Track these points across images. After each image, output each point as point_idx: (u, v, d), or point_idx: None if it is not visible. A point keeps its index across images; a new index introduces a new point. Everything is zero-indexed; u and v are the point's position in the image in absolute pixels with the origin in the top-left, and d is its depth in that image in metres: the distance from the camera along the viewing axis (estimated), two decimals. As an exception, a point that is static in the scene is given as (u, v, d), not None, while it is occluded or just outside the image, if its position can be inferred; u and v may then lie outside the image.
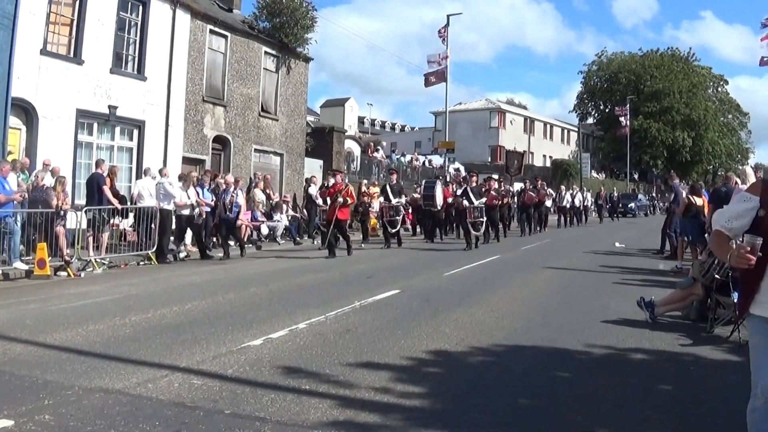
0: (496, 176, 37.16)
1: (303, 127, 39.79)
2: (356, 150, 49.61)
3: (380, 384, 8.02)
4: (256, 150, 35.02)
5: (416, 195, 32.99)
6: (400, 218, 28.02)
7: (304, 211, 30.99)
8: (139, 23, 28.51)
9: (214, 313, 12.54)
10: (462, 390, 8.00)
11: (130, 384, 7.87)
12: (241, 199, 23.51)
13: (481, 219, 27.13)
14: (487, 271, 19.72)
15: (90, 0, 25.76)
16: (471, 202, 26.80)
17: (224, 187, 23.58)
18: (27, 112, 23.61)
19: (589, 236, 35.71)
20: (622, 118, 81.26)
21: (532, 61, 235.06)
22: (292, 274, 18.46)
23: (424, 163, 54.51)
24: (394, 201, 27.65)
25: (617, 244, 29.10)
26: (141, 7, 28.49)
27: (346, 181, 24.49)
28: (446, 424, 6.85)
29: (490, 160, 77.41)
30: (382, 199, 28.78)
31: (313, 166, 39.12)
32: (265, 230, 27.97)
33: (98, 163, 21.83)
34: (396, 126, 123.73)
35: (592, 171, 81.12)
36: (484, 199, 27.68)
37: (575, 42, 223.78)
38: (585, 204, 48.83)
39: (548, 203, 41.54)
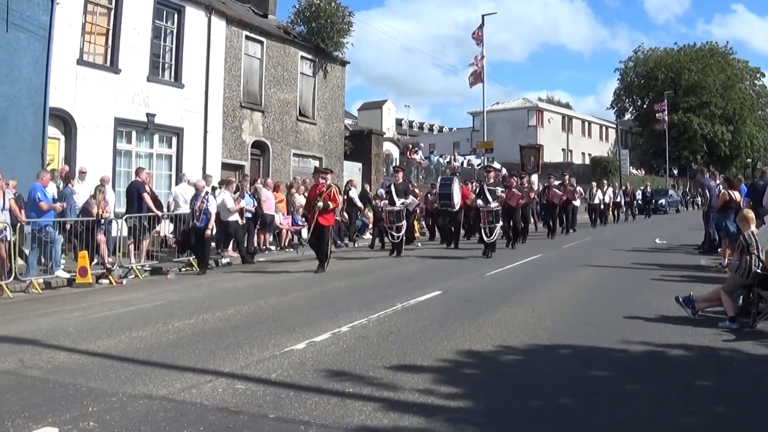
0: (500, 170, 36.26)
1: (341, 131, 39.77)
2: (395, 152, 49.55)
3: (424, 386, 7.99)
4: (294, 154, 35.00)
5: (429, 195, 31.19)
6: (402, 225, 24.40)
7: (344, 214, 30.83)
8: (175, 31, 28.56)
9: (256, 317, 12.54)
10: (505, 390, 8.00)
11: (174, 390, 7.87)
12: (212, 206, 20.51)
13: (496, 224, 23.57)
14: (528, 271, 19.61)
15: (125, 9, 25.81)
16: (487, 202, 23.66)
17: (195, 191, 21.23)
18: (65, 121, 23.69)
19: (627, 233, 35.21)
20: (659, 114, 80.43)
21: (567, 59, 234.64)
22: (334, 277, 18.30)
23: (462, 163, 54.20)
24: (398, 203, 24.22)
25: (658, 240, 28.70)
26: (176, 15, 28.52)
27: (329, 181, 20.72)
28: (490, 424, 6.85)
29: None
30: (385, 201, 25.06)
31: (352, 170, 39.05)
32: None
33: (138, 171, 21.81)
34: (434, 127, 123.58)
35: (631, 167, 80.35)
36: (496, 203, 23.67)
37: (609, 39, 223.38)
38: (616, 201, 45.24)
39: (577, 202, 37.04)
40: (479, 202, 24.16)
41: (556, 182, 34.43)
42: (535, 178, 42.41)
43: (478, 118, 72.46)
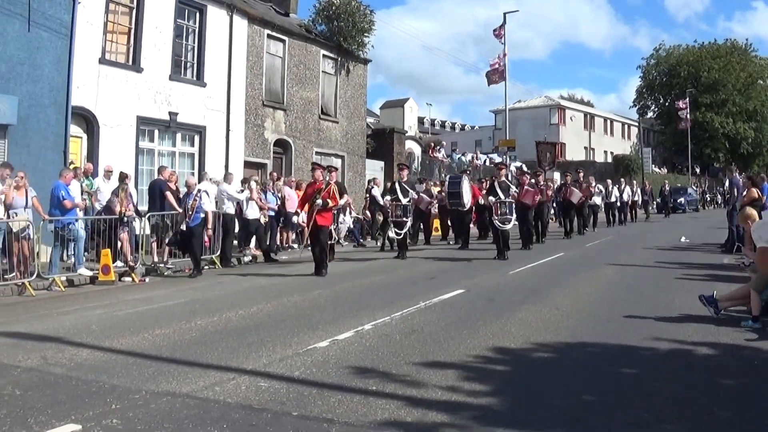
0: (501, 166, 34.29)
1: (363, 129, 39.75)
2: (417, 150, 49.44)
3: (447, 383, 7.94)
4: (317, 152, 34.86)
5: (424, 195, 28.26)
6: (408, 221, 23.33)
7: (367, 212, 30.75)
8: (197, 30, 28.63)
9: (279, 315, 12.54)
10: (528, 388, 7.92)
11: (197, 387, 7.85)
12: (208, 204, 19.70)
13: (510, 215, 22.30)
14: (551, 269, 19.56)
15: (147, 8, 25.90)
16: (498, 197, 22.26)
17: (187, 189, 20.14)
18: (87, 120, 23.76)
19: (649, 232, 34.87)
20: (682, 112, 80.00)
21: (588, 57, 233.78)
22: (356, 275, 18.31)
23: (485, 161, 54.08)
24: (404, 200, 23.06)
25: (683, 239, 28.48)
26: (198, 14, 28.59)
27: (329, 178, 19.36)
28: (513, 422, 6.76)
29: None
30: (388, 198, 24.36)
31: (375, 168, 38.99)
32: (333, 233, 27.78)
33: (160, 170, 21.83)
34: (456, 125, 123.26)
35: (654, 166, 79.94)
36: (510, 198, 22.54)
37: (629, 36, 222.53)
38: (634, 199, 43.40)
39: (597, 200, 35.76)
40: (491, 198, 22.72)
41: (572, 179, 32.65)
42: (557, 175, 41.62)
43: (500, 116, 72.57)
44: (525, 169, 43.75)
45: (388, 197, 24.54)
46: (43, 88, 20.99)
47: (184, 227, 18.98)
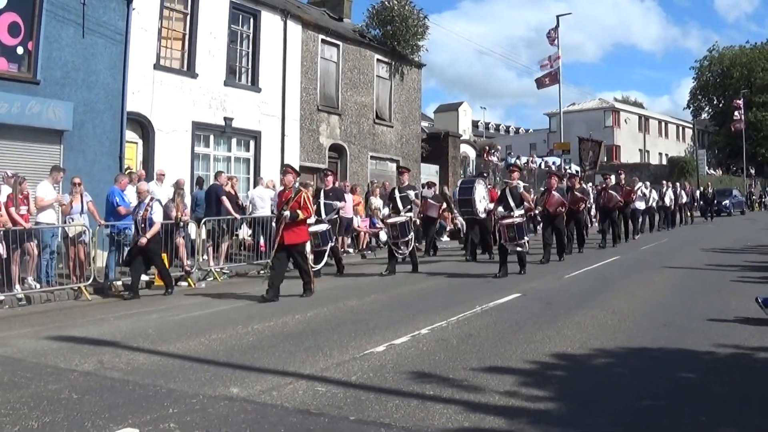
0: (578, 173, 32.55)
1: (418, 133, 39.74)
2: (471, 154, 49.30)
3: (504, 388, 7.90)
4: (372, 157, 34.98)
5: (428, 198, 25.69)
6: (408, 239, 19.75)
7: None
8: (251, 35, 28.74)
9: (336, 320, 12.55)
10: (585, 393, 7.90)
11: (254, 392, 7.85)
12: (158, 214, 16.88)
13: (521, 240, 18.45)
14: (606, 273, 19.35)
15: (201, 14, 26.04)
16: (509, 210, 18.70)
17: (138, 197, 17.41)
18: (143, 125, 23.95)
19: (702, 235, 33.98)
20: (737, 112, 78.96)
21: (640, 59, 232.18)
22: (411, 280, 18.19)
23: (540, 165, 53.68)
24: (403, 213, 19.68)
25: (749, 244, 27.91)
26: (252, 20, 28.70)
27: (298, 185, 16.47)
28: (570, 427, 6.79)
29: (606, 159, 76.11)
30: (386, 211, 20.88)
31: (430, 172, 38.88)
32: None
33: (217, 175, 21.81)
34: (510, 129, 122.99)
35: (709, 167, 78.93)
36: (521, 212, 18.85)
37: (680, 38, 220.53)
38: (680, 203, 39.68)
39: (639, 204, 32.06)
40: (500, 209, 19.09)
41: (612, 182, 29.40)
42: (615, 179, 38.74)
43: (554, 119, 72.14)
44: (553, 168, 42.74)
45: (385, 210, 21.16)
46: (98, 94, 21.14)
47: (144, 240, 16.29)
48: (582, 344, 10.10)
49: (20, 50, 19.74)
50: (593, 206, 30.98)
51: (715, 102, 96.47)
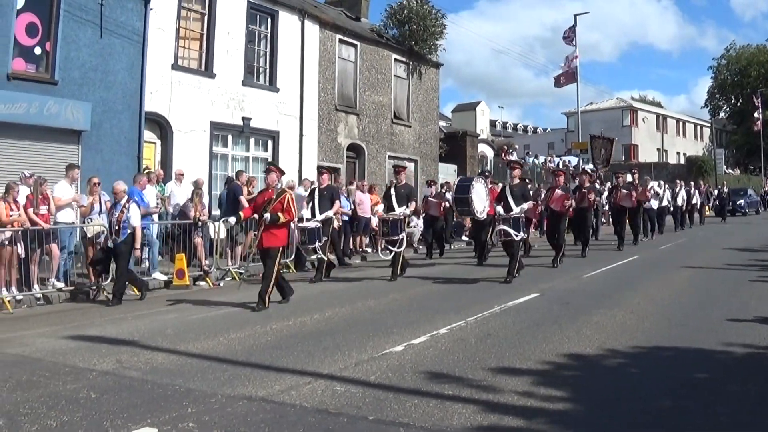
0: (595, 172, 31.35)
1: (436, 133, 39.71)
2: (489, 153, 49.25)
3: (523, 388, 7.93)
4: (390, 156, 34.94)
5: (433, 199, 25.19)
6: (400, 238, 18.57)
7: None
8: (269, 35, 28.82)
9: (354, 319, 12.60)
10: (604, 393, 7.93)
11: (273, 391, 7.89)
12: (135, 218, 15.54)
13: (514, 237, 17.39)
14: (625, 272, 19.33)
15: (219, 14, 26.11)
16: (509, 210, 17.69)
17: (114, 198, 16.09)
18: (161, 125, 24.05)
19: (721, 235, 33.49)
20: (757, 114, 78.55)
21: (657, 58, 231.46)
22: (429, 280, 18.08)
23: (558, 164, 53.49)
24: (398, 211, 18.76)
25: None
26: (270, 20, 28.76)
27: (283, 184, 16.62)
28: (590, 427, 6.86)
29: (624, 159, 75.84)
30: (382, 207, 20.06)
31: (448, 171, 38.84)
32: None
33: (237, 174, 21.79)
34: (528, 128, 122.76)
35: (727, 167, 78.45)
36: (525, 206, 17.90)
37: (697, 37, 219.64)
38: (693, 203, 38.13)
39: (653, 204, 30.70)
40: (498, 209, 17.91)
41: (624, 181, 28.22)
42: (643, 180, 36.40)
43: (572, 118, 71.96)
44: (560, 165, 42.11)
45: (380, 207, 20.45)
46: (116, 94, 21.16)
47: (111, 244, 15.35)
48: (601, 344, 10.09)
49: (38, 50, 19.83)
50: (605, 205, 30.35)
51: (732, 101, 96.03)
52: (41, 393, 7.87)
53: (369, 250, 25.02)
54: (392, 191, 19.30)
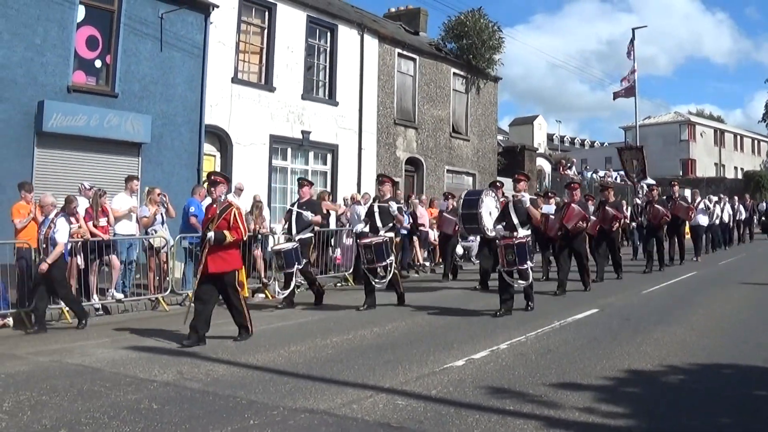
0: (653, 186, 28.30)
1: (494, 147, 39.58)
2: (547, 168, 48.86)
3: (584, 404, 7.89)
4: (448, 170, 34.87)
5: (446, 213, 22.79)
6: (385, 264, 15.85)
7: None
8: (328, 49, 28.90)
9: (414, 333, 12.54)
10: (664, 410, 7.82)
11: (335, 404, 7.88)
12: (62, 234, 13.60)
13: (523, 265, 14.57)
14: (684, 288, 19.10)
15: (278, 28, 26.23)
16: (512, 229, 14.82)
17: (42, 213, 14.20)
18: (221, 138, 24.19)
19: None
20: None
21: (713, 72, 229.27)
22: (489, 294, 17.76)
23: (616, 178, 53.01)
24: (382, 232, 16.01)
25: None
26: (329, 34, 28.83)
27: (233, 198, 14.49)
28: None
29: (681, 173, 75.11)
30: (360, 227, 17.62)
31: (506, 186, 38.49)
32: (459, 250, 26.89)
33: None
34: (585, 142, 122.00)
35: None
36: (527, 231, 15.01)
37: (753, 50, 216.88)
38: (738, 219, 36.20)
39: (702, 220, 28.02)
40: (500, 228, 15.20)
41: (660, 196, 26.04)
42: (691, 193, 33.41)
43: (629, 132, 71.26)
44: (576, 178, 39.89)
45: (359, 227, 17.81)
46: (176, 107, 21.40)
47: (44, 266, 13.30)
48: (661, 361, 10.00)
49: (98, 63, 20.13)
50: (632, 224, 26.75)
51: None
52: (102, 403, 7.91)
53: (427, 263, 24.89)
54: (375, 208, 16.41)
